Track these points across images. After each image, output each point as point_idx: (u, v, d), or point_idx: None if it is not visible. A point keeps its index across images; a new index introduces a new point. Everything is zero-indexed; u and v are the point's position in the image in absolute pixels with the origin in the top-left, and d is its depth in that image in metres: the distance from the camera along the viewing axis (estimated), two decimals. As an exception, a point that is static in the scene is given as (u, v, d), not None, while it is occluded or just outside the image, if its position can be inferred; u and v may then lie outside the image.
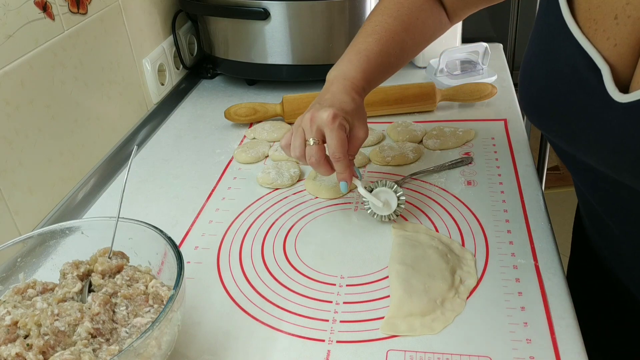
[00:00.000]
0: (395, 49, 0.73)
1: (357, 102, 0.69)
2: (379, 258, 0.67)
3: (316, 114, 0.65)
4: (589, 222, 0.69)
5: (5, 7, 0.69)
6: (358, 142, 0.69)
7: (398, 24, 0.73)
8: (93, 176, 0.87)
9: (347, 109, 0.67)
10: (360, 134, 0.68)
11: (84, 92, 0.86)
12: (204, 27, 1.14)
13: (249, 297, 0.63)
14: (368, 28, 0.73)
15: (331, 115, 0.64)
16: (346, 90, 0.69)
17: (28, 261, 0.58)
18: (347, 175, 0.68)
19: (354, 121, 0.67)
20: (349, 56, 0.72)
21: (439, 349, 0.54)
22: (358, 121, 0.68)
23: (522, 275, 0.62)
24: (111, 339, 0.49)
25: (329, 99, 0.68)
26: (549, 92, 0.53)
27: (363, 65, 0.71)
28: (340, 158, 0.66)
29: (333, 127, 0.64)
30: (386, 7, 0.74)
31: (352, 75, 0.70)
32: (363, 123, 0.69)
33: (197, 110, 1.10)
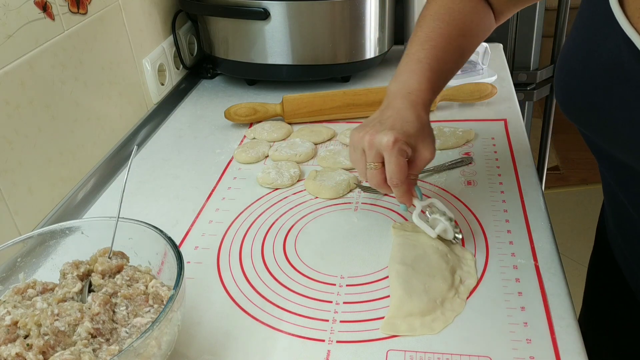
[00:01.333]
0: (454, 55, 0.69)
1: (422, 120, 0.64)
2: (379, 258, 0.67)
3: (375, 138, 0.61)
4: (615, 222, 0.66)
5: (5, 7, 0.69)
6: (422, 163, 0.64)
7: (452, 29, 0.68)
8: (93, 176, 0.87)
9: (410, 131, 0.62)
10: (425, 154, 0.63)
11: (84, 92, 0.86)
12: (204, 27, 1.14)
13: (249, 297, 0.63)
14: (421, 35, 0.68)
15: (391, 140, 0.60)
16: (412, 106, 0.64)
17: (28, 261, 0.58)
18: (406, 199, 0.65)
19: (417, 143, 0.63)
20: (409, 67, 0.67)
21: (439, 349, 0.54)
22: (422, 142, 0.63)
23: (522, 275, 0.62)
24: (111, 339, 0.49)
25: (391, 117, 0.63)
26: (589, 84, 0.50)
27: (427, 74, 0.66)
28: (397, 184, 0.63)
29: (392, 153, 0.60)
30: (437, 13, 0.69)
31: (416, 88, 0.65)
32: (428, 143, 0.64)
33: (197, 110, 1.10)
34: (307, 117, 1.00)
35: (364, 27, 1.08)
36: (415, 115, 0.63)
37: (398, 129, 0.61)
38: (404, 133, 0.61)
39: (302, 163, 0.88)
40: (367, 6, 1.06)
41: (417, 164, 0.64)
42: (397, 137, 0.60)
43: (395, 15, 1.16)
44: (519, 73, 1.33)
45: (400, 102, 0.65)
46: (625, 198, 0.58)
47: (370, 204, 0.77)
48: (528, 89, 1.35)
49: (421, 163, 0.64)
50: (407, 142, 0.61)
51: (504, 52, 1.23)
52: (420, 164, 0.64)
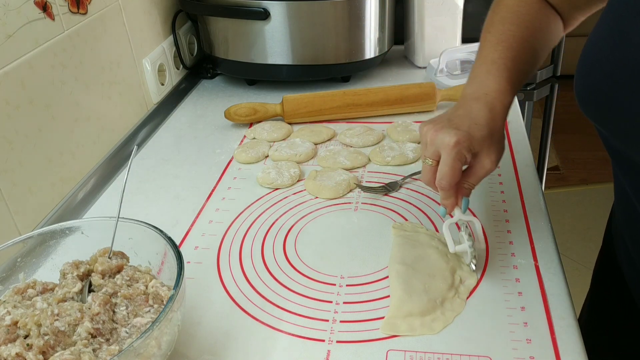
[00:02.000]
0: (528, 56, 0.64)
1: (493, 125, 0.59)
2: (379, 258, 0.67)
3: (438, 135, 0.58)
4: (626, 227, 0.63)
5: (5, 7, 0.69)
6: (480, 173, 0.60)
7: (524, 30, 0.64)
8: (93, 176, 0.87)
9: (477, 135, 0.58)
10: (485, 163, 0.59)
11: (84, 92, 0.86)
12: (204, 27, 1.14)
13: (249, 297, 0.63)
14: (492, 39, 0.64)
15: (452, 141, 0.56)
16: (488, 108, 0.59)
17: (28, 261, 0.58)
18: (448, 204, 0.61)
19: (481, 149, 0.58)
20: (483, 68, 0.63)
21: (439, 349, 0.54)
22: (487, 149, 0.58)
23: (522, 275, 0.62)
24: (111, 339, 0.49)
25: (461, 117, 0.59)
26: (614, 80, 0.48)
27: (504, 74, 0.61)
28: (444, 188, 0.59)
29: (449, 155, 0.57)
30: (504, 17, 0.66)
31: (494, 88, 0.60)
32: (493, 152, 0.59)
33: (197, 110, 1.10)
34: (307, 117, 1.00)
35: (364, 27, 1.08)
36: (487, 118, 0.59)
37: (463, 131, 0.57)
38: (469, 136, 0.57)
39: (302, 163, 0.88)
40: (367, 6, 1.06)
41: (474, 172, 0.60)
42: (459, 139, 0.57)
43: (395, 15, 1.16)
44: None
45: (475, 103, 0.60)
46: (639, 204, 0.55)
47: (370, 204, 0.77)
48: (528, 89, 1.35)
49: (479, 172, 0.60)
50: (469, 146, 0.57)
51: (504, 52, 1.23)
52: (479, 173, 0.60)
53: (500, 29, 0.65)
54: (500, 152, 0.60)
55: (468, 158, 0.58)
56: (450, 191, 0.60)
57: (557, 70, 1.37)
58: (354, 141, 0.92)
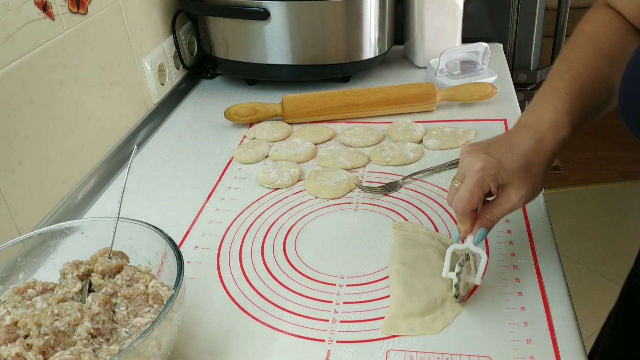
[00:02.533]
0: (600, 86, 0.58)
1: (531, 159, 0.54)
2: (379, 258, 0.67)
3: (467, 157, 0.55)
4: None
5: (5, 7, 0.69)
6: (506, 206, 0.56)
7: (599, 59, 0.58)
8: (93, 176, 0.87)
9: (508, 165, 0.54)
10: (512, 197, 0.55)
11: (84, 92, 0.86)
12: (204, 27, 1.14)
13: (249, 297, 0.63)
14: (561, 67, 0.59)
15: (478, 166, 0.54)
16: (535, 139, 0.55)
17: (28, 261, 0.58)
18: (462, 230, 0.58)
19: (511, 181, 0.54)
20: (544, 97, 0.58)
21: (439, 349, 0.54)
22: (519, 182, 0.54)
23: (522, 275, 0.62)
24: (111, 339, 0.49)
25: (502, 143, 0.56)
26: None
27: (565, 106, 0.56)
28: (458, 211, 0.56)
29: (471, 179, 0.54)
30: (580, 45, 0.60)
31: (549, 119, 0.55)
32: (525, 186, 0.54)
33: (197, 110, 1.10)
34: (307, 117, 1.00)
35: (364, 27, 1.07)
36: (529, 150, 0.54)
37: (494, 158, 0.54)
38: (497, 165, 0.54)
39: (302, 163, 0.88)
40: (367, 6, 1.06)
41: (499, 203, 0.56)
42: (484, 165, 0.54)
43: (395, 15, 1.16)
44: (519, 73, 1.33)
45: (523, 132, 0.56)
46: None
47: (370, 204, 0.77)
48: (528, 89, 1.35)
49: (505, 205, 0.56)
50: (495, 175, 0.54)
51: (504, 52, 1.23)
52: (504, 205, 0.56)
53: (571, 57, 0.60)
54: (534, 189, 0.55)
55: (492, 187, 0.55)
56: (465, 216, 0.57)
57: (557, 70, 1.37)
58: (354, 141, 0.92)
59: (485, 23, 1.29)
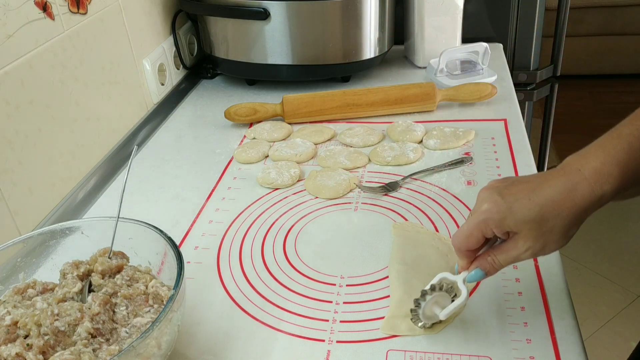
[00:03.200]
0: None
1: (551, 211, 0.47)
2: (379, 258, 0.67)
3: (482, 194, 0.50)
4: None
5: (5, 7, 0.69)
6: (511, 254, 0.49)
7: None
8: (93, 176, 0.87)
9: (519, 213, 0.47)
10: (519, 247, 0.49)
11: (84, 92, 0.86)
12: (204, 27, 1.14)
13: (249, 297, 0.63)
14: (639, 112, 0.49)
15: (484, 207, 0.49)
16: (566, 188, 0.47)
17: (28, 261, 0.58)
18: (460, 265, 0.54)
19: (520, 230, 0.48)
20: (603, 140, 0.48)
21: (439, 349, 0.54)
22: (528, 233, 0.48)
23: (522, 275, 0.62)
24: (111, 339, 0.49)
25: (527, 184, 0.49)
26: None
27: (620, 154, 0.46)
28: (455, 247, 0.53)
29: (474, 219, 0.50)
30: None
31: (594, 167, 0.46)
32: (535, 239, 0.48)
33: (197, 110, 1.10)
34: (307, 117, 1.00)
35: (364, 27, 1.07)
36: (549, 200, 0.47)
37: (507, 203, 0.48)
38: (507, 211, 0.48)
39: (302, 163, 0.88)
40: (367, 6, 1.06)
41: (504, 250, 0.50)
42: (490, 208, 0.48)
43: (395, 15, 1.16)
44: (519, 73, 1.33)
45: (558, 176, 0.48)
46: None
47: (370, 204, 0.77)
48: (528, 89, 1.35)
49: (509, 253, 0.50)
50: (499, 223, 0.48)
51: (504, 52, 1.23)
52: (508, 253, 0.50)
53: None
54: (547, 245, 0.48)
55: (497, 232, 0.49)
56: (461, 254, 0.53)
57: (557, 70, 1.37)
58: (354, 141, 0.92)
59: (485, 23, 1.29)
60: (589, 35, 3.06)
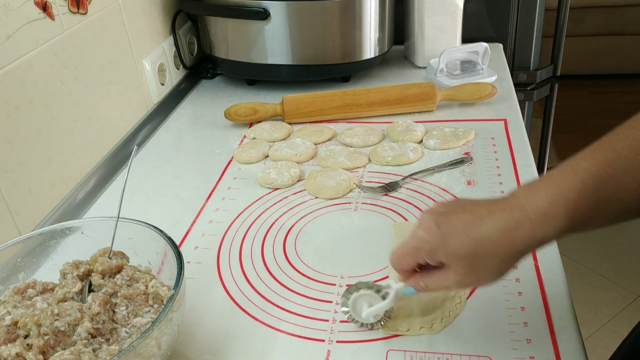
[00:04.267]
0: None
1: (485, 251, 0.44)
2: (379, 258, 0.67)
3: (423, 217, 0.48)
4: None
5: (5, 7, 0.69)
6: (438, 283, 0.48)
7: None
8: (93, 176, 0.87)
9: (452, 248, 0.46)
10: (448, 278, 0.47)
11: (84, 92, 0.86)
12: (204, 27, 1.14)
13: (249, 297, 0.63)
14: (603, 141, 0.45)
15: (419, 235, 0.48)
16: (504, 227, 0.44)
17: (28, 261, 0.58)
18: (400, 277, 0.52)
19: (451, 264, 0.46)
20: (556, 172, 0.45)
21: (439, 349, 0.54)
22: (458, 267, 0.46)
23: (522, 275, 0.62)
24: (111, 339, 0.49)
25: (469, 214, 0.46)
26: None
27: (571, 194, 0.43)
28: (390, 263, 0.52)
29: (409, 244, 0.49)
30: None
31: (539, 207, 0.43)
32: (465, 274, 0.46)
33: (197, 110, 1.10)
34: (307, 117, 1.00)
35: (364, 27, 1.07)
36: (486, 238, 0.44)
37: (442, 234, 0.46)
38: (440, 243, 0.46)
39: (302, 163, 0.88)
40: (367, 6, 1.06)
41: (435, 276, 0.49)
42: (424, 238, 0.47)
43: (395, 15, 1.16)
44: (519, 73, 1.33)
45: (501, 211, 0.45)
46: None
47: (370, 204, 0.77)
48: (528, 89, 1.35)
49: (438, 281, 0.48)
50: (432, 253, 0.47)
51: (504, 52, 1.23)
52: (438, 281, 0.49)
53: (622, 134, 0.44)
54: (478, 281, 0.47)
55: (429, 261, 0.48)
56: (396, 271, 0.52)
57: (557, 70, 1.37)
58: (354, 141, 0.92)
59: (485, 23, 1.29)
60: (589, 35, 3.06)
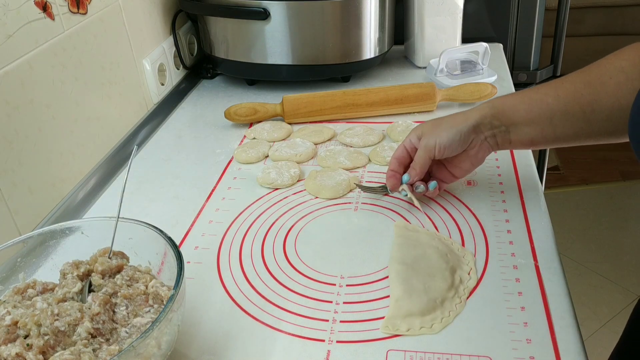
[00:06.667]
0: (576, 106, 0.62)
1: (444, 119, 0.70)
2: (379, 258, 0.67)
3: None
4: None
5: (5, 7, 0.69)
6: (419, 155, 0.71)
7: (582, 79, 0.63)
8: (93, 176, 0.87)
9: (426, 123, 0.71)
10: (419, 152, 0.71)
11: (84, 92, 0.86)
12: (204, 27, 1.14)
13: (249, 297, 0.63)
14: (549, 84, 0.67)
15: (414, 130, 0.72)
16: (465, 112, 0.69)
17: (28, 261, 0.58)
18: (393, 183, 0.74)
19: (423, 133, 0.71)
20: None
21: (439, 349, 0.54)
22: (429, 133, 0.70)
23: (522, 275, 0.62)
24: (111, 339, 0.49)
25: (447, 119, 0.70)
26: None
27: (517, 97, 0.67)
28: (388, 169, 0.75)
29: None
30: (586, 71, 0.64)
31: (493, 102, 0.68)
32: (427, 135, 0.70)
33: (197, 110, 1.10)
34: (307, 117, 1.00)
35: (364, 27, 1.07)
36: (460, 125, 0.68)
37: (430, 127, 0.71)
38: (419, 130, 0.71)
39: (302, 163, 0.88)
40: (367, 6, 1.06)
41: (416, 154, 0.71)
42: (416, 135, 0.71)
43: (395, 15, 1.16)
44: (519, 73, 1.33)
45: (463, 114, 0.69)
46: None
47: (370, 204, 0.77)
48: (528, 89, 1.35)
49: (418, 154, 0.70)
50: (419, 132, 0.71)
51: (504, 52, 1.23)
52: (418, 155, 0.70)
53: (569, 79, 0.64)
54: (438, 141, 0.69)
55: (414, 146, 0.72)
56: (390, 171, 0.74)
57: (557, 70, 1.37)
58: (354, 141, 0.92)
59: (485, 23, 1.29)
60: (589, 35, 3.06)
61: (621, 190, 2.53)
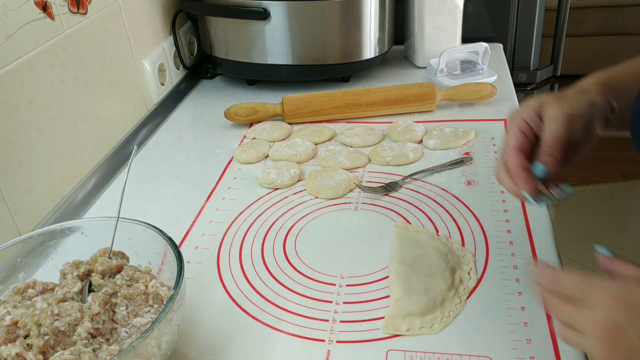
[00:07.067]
0: None
1: (565, 93, 0.59)
2: (379, 258, 0.67)
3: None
4: None
5: (5, 7, 0.69)
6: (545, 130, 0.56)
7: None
8: (93, 176, 0.87)
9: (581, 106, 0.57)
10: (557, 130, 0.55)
11: (84, 92, 0.86)
12: (204, 27, 1.14)
13: (249, 297, 0.63)
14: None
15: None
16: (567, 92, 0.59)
17: (28, 261, 0.58)
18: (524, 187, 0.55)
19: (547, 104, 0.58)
20: None
21: (439, 349, 0.54)
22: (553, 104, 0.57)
23: (522, 275, 0.62)
24: (111, 339, 0.49)
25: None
26: None
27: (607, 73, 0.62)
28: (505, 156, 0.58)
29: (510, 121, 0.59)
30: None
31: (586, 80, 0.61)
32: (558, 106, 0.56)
33: (197, 110, 1.10)
34: (307, 117, 1.00)
35: (364, 27, 1.07)
36: (562, 93, 0.58)
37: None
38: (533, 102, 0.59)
39: (302, 163, 0.88)
40: (367, 6, 1.06)
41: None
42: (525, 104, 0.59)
43: (395, 15, 1.16)
44: (519, 73, 1.33)
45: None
46: None
47: (370, 204, 0.77)
48: (528, 89, 1.35)
49: (551, 130, 0.55)
50: (536, 105, 0.57)
51: (504, 52, 1.23)
52: (552, 130, 0.55)
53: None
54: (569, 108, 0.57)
55: (529, 125, 0.57)
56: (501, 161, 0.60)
57: (557, 70, 1.37)
58: (354, 141, 0.92)
59: (485, 23, 1.29)
60: (589, 35, 3.06)
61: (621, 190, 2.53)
